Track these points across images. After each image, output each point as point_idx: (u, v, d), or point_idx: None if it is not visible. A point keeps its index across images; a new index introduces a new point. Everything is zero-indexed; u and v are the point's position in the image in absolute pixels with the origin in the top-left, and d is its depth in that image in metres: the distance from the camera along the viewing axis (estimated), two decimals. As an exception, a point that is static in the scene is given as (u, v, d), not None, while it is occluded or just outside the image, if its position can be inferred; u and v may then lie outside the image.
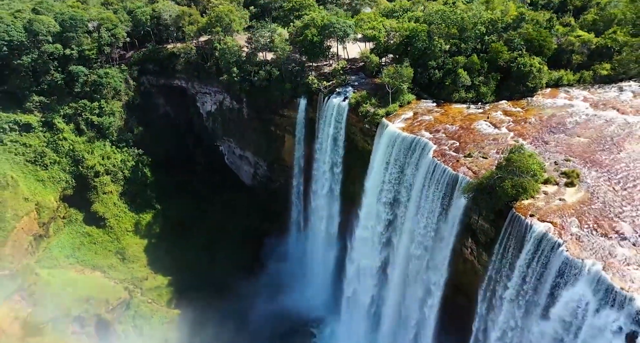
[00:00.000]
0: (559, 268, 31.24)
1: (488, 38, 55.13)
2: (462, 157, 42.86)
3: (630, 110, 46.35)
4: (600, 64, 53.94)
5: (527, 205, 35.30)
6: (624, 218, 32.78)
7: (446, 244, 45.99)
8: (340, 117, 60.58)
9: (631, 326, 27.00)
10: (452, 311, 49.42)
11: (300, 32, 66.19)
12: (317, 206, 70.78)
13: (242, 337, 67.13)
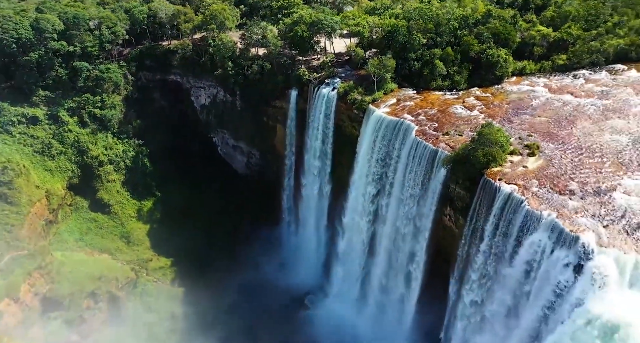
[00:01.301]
0: (522, 220, 37.47)
1: (460, 32, 61.22)
2: (440, 135, 48.94)
3: (582, 94, 53.14)
4: (557, 55, 60.80)
5: (496, 171, 41.53)
6: (574, 179, 39.23)
7: (428, 213, 51.96)
8: (330, 105, 65.93)
9: (577, 260, 33.25)
10: (433, 275, 55.44)
11: (290, 28, 71.34)
12: (309, 190, 75.93)
13: (242, 310, 71.90)
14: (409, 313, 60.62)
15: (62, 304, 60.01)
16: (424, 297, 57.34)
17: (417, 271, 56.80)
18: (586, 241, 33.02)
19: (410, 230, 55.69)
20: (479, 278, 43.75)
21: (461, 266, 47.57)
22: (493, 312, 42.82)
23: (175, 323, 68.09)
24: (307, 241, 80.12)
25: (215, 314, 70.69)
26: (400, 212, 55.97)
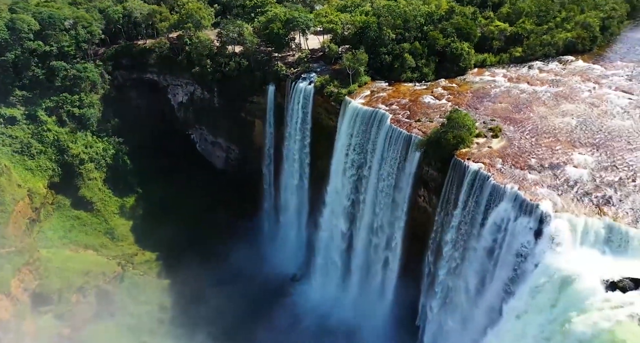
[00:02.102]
0: (489, 193, 41.78)
1: (426, 28, 65.45)
2: (413, 122, 52.98)
3: (537, 83, 58.41)
4: (514, 48, 66.07)
5: (465, 152, 45.80)
6: (532, 156, 43.92)
7: (404, 196, 55.92)
8: (307, 99, 69.06)
9: (537, 225, 37.73)
10: (410, 255, 59.39)
11: (265, 26, 74.03)
12: (289, 181, 78.78)
13: (228, 298, 73.94)
14: (388, 294, 64.33)
15: (52, 299, 60.90)
16: (403, 278, 61.20)
17: (395, 252, 60.57)
18: (544, 208, 37.51)
19: (388, 213, 59.52)
20: (452, 249, 47.91)
21: (436, 241, 51.70)
22: (466, 280, 47.01)
23: (164, 313, 69.77)
24: (288, 230, 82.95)
25: (202, 303, 72.67)
26: (378, 196, 59.67)
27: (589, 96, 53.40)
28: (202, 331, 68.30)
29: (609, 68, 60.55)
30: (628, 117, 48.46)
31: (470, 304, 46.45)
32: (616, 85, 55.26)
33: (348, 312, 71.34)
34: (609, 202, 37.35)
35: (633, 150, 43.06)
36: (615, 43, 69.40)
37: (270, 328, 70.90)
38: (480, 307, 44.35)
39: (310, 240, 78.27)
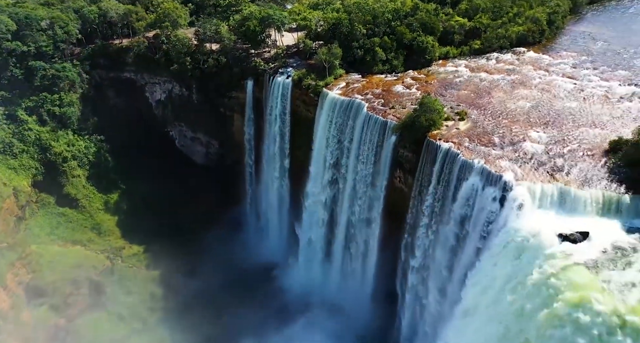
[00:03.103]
0: (459, 168, 46.86)
1: (394, 23, 70.09)
2: (387, 109, 57.60)
3: (495, 71, 64.13)
4: (473, 41, 71.56)
5: (436, 133, 50.73)
6: (495, 135, 49.36)
7: (382, 178, 60.27)
8: (286, 92, 72.55)
9: (501, 193, 43.01)
10: (389, 236, 63.43)
11: (241, 23, 77.04)
12: (270, 172, 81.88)
13: (215, 286, 76.70)
14: (369, 272, 68.31)
15: (46, 291, 62.24)
16: (382, 256, 65.11)
17: (374, 233, 64.64)
18: (507, 178, 42.81)
19: (367, 196, 63.84)
20: (428, 221, 52.87)
21: (413, 216, 56.50)
22: (441, 248, 52.07)
23: (154, 302, 71.94)
24: (270, 220, 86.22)
25: (190, 291, 75.36)
26: (358, 180, 63.95)
27: (540, 82, 59.56)
28: (192, 316, 70.93)
29: (556, 57, 67.17)
30: (573, 99, 54.80)
31: (445, 270, 51.49)
32: (562, 72, 61.78)
33: (332, 292, 75.46)
34: (560, 170, 43.09)
35: (578, 126, 49.21)
36: (560, 36, 76.35)
37: (257, 309, 74.07)
38: (455, 271, 49.44)
39: (293, 227, 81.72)
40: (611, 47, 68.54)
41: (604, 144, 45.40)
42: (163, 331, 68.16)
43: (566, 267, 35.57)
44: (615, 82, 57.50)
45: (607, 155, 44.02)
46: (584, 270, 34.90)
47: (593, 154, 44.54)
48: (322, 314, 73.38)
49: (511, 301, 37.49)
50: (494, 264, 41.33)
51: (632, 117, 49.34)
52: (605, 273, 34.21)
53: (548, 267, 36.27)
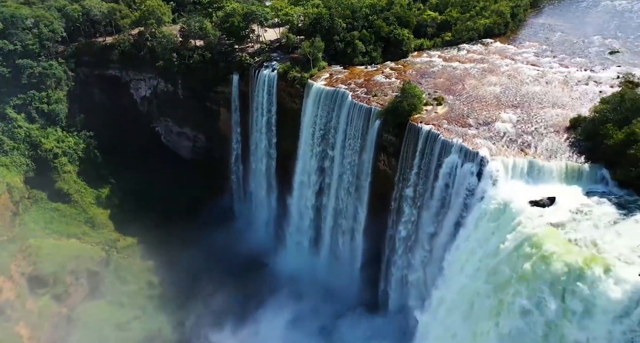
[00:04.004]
0: (439, 148, 51.17)
1: (371, 17, 73.51)
2: (371, 97, 61.36)
3: (466, 61, 68.87)
4: (444, 33, 75.88)
5: (417, 117, 54.85)
6: (470, 117, 53.89)
7: (367, 162, 63.73)
8: (271, 85, 75.37)
9: (478, 167, 47.49)
10: (375, 217, 67.00)
11: (225, 19, 79.36)
12: (257, 162, 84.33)
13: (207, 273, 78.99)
14: (357, 254, 71.44)
15: (48, 281, 63.56)
16: (369, 238, 68.23)
17: (361, 216, 67.88)
18: (483, 154, 47.19)
19: (354, 180, 67.27)
20: (412, 199, 57.11)
21: (397, 197, 60.56)
22: (425, 223, 56.37)
23: (152, 290, 73.94)
24: (259, 209, 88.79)
25: (185, 278, 77.55)
26: (344, 165, 67.30)
27: (507, 70, 64.58)
28: (189, 301, 73.37)
29: (520, 47, 72.55)
30: (537, 83, 59.99)
31: (431, 242, 55.81)
32: (527, 60, 67.07)
33: (322, 275, 78.62)
34: (529, 145, 47.91)
35: (543, 107, 54.31)
36: (523, 27, 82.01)
37: (250, 293, 77.00)
38: (439, 241, 53.81)
39: (282, 215, 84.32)
40: (568, 38, 74.54)
41: (565, 121, 50.51)
42: (162, 316, 70.26)
43: (537, 228, 40.20)
44: (573, 68, 63.13)
45: (568, 131, 49.15)
46: (552, 229, 39.58)
47: (556, 131, 49.60)
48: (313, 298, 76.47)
49: (490, 261, 42.00)
50: (475, 230, 45.81)
51: (588, 98, 54.76)
52: (570, 231, 38.98)
53: (521, 228, 40.89)
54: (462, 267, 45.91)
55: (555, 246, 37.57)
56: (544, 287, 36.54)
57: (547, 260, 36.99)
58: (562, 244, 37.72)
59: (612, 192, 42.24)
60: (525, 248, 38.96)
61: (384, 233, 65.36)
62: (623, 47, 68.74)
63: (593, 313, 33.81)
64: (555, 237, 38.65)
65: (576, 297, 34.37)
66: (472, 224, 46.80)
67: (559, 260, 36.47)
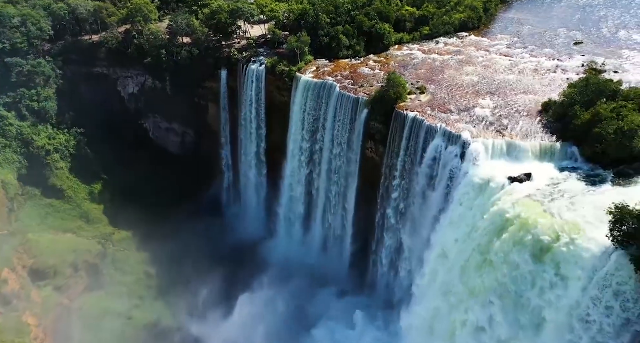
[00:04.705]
0: (425, 133, 54.74)
1: (354, 12, 76.30)
2: (357, 88, 64.47)
3: (444, 53, 72.66)
4: (422, 27, 79.38)
5: (403, 105, 58.29)
6: (451, 104, 57.66)
7: (356, 150, 66.77)
8: (260, 79, 77.60)
9: (461, 149, 51.17)
10: (364, 203, 69.85)
11: (211, 16, 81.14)
12: (247, 155, 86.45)
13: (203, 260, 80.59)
14: (347, 239, 74.70)
15: (48, 274, 64.64)
16: (358, 222, 71.56)
17: (350, 202, 70.83)
18: (465, 137, 50.87)
19: (343, 168, 70.16)
20: (400, 183, 60.60)
21: (386, 182, 63.79)
22: (412, 204, 59.93)
23: (150, 280, 75.47)
24: (249, 200, 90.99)
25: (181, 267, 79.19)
26: (333, 154, 70.05)
27: (482, 60, 68.70)
28: (184, 288, 75.23)
29: (493, 40, 76.89)
30: (511, 72, 64.27)
31: (418, 221, 59.43)
32: (500, 52, 71.37)
33: (312, 260, 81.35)
34: (506, 128, 51.91)
35: (517, 94, 58.54)
36: (494, 21, 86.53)
37: (244, 278, 79.13)
38: (427, 219, 57.45)
39: (272, 205, 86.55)
40: (536, 30, 79.38)
41: (537, 105, 54.80)
42: (161, 304, 71.98)
43: (516, 200, 44.08)
44: (542, 58, 67.73)
45: (540, 114, 53.45)
46: (529, 201, 43.45)
47: (530, 114, 53.84)
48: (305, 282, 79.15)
49: (475, 231, 45.81)
50: (459, 205, 49.57)
51: (557, 85, 59.24)
52: (545, 201, 42.92)
53: (502, 201, 44.77)
54: (451, 238, 49.58)
55: (532, 215, 41.46)
56: (525, 249, 40.42)
57: (525, 226, 40.90)
58: (539, 213, 41.55)
59: (580, 167, 46.43)
60: (507, 217, 42.78)
61: (373, 216, 68.53)
62: (586, 38, 73.90)
63: (568, 269, 37.81)
64: (532, 208, 42.45)
65: (552, 257, 38.30)
66: (457, 200, 50.50)
67: (537, 225, 40.38)
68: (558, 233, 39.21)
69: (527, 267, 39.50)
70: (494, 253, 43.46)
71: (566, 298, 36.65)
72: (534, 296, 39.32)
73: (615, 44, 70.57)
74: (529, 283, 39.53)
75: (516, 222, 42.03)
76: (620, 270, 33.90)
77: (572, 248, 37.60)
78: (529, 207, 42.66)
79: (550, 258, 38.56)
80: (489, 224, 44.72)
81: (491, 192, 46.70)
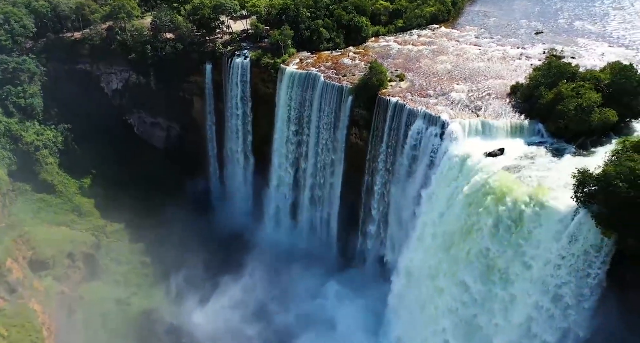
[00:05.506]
0: (406, 116, 58.76)
1: (332, 7, 79.67)
2: (341, 77, 67.85)
3: (419, 44, 76.88)
4: (397, 20, 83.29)
5: (385, 92, 62.05)
6: (429, 89, 61.86)
7: (341, 137, 69.95)
8: (245, 72, 79.76)
9: (440, 130, 55.42)
10: (349, 187, 73.41)
11: (194, 12, 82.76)
12: (233, 146, 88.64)
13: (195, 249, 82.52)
14: (333, 223, 77.94)
15: (47, 264, 65.42)
16: (345, 207, 74.69)
17: (336, 186, 74.27)
18: (444, 118, 55.07)
19: (329, 154, 73.26)
20: (384, 164, 64.48)
21: (371, 164, 67.56)
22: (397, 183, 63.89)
23: (146, 269, 76.94)
24: (237, 190, 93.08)
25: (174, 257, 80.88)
26: (319, 143, 73.24)
27: (454, 50, 73.34)
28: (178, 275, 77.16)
29: (462, 31, 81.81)
30: (481, 60, 69.09)
31: (402, 200, 63.49)
32: (469, 42, 76.26)
33: (302, 245, 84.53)
34: (480, 109, 56.40)
35: (487, 79, 63.28)
36: (462, 14, 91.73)
37: (236, 265, 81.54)
38: (409, 197, 61.61)
39: (260, 195, 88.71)
40: (501, 22, 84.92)
41: (507, 89, 59.59)
42: (158, 291, 73.73)
43: (492, 173, 48.57)
44: (508, 46, 72.97)
45: (509, 96, 58.28)
46: (504, 172, 47.99)
47: (500, 96, 58.61)
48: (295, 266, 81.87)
49: (458, 202, 50.14)
50: (441, 181, 53.84)
51: (522, 70, 64.25)
52: (518, 171, 47.60)
53: (480, 174, 49.19)
54: (435, 211, 53.82)
55: (508, 183, 46.04)
56: (503, 214, 44.94)
57: (503, 193, 45.43)
58: (513, 181, 46.19)
59: (547, 141, 51.22)
60: (485, 187, 47.24)
61: (359, 198, 72.21)
62: (545, 28, 79.83)
63: (540, 230, 42.52)
64: (507, 177, 46.98)
65: (528, 218, 42.93)
66: (439, 176, 54.74)
67: (512, 192, 44.96)
68: (531, 198, 43.85)
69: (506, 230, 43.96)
70: (476, 221, 47.84)
71: (542, 250, 41.35)
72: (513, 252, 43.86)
73: (572, 33, 76.74)
74: (507, 243, 44.04)
75: (494, 191, 46.47)
76: (584, 224, 38.68)
77: (543, 209, 42.28)
78: (504, 177, 47.17)
79: (526, 220, 43.13)
80: (469, 194, 49.06)
81: (470, 166, 51.01)
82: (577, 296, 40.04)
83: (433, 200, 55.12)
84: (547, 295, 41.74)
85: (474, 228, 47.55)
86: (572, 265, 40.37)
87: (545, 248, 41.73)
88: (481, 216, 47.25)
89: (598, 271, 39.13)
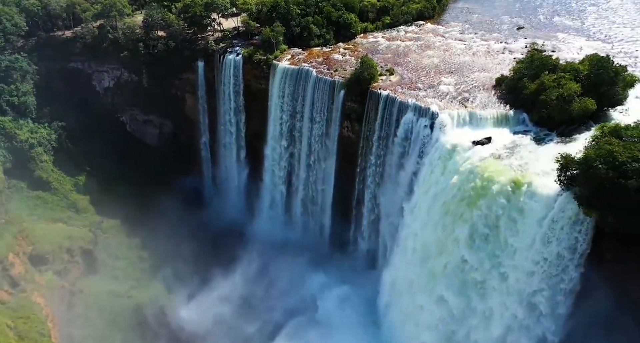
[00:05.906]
0: (397, 108, 60.80)
1: (321, 4, 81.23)
2: (332, 72, 69.61)
3: (406, 39, 78.89)
4: (384, 17, 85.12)
5: (376, 85, 63.92)
6: (418, 83, 64.01)
7: (334, 131, 71.46)
8: (237, 69, 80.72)
9: (430, 121, 57.59)
10: (342, 180, 75.06)
11: (186, 10, 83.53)
12: (227, 142, 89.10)
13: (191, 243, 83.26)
14: (327, 215, 79.42)
15: (47, 259, 65.72)
16: (338, 198, 76.32)
17: (329, 180, 75.96)
18: (433, 109, 57.20)
19: (322, 148, 74.67)
20: (376, 156, 66.45)
21: (364, 156, 69.35)
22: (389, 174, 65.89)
23: (143, 263, 77.64)
24: (231, 186, 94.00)
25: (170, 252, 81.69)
26: (312, 137, 74.84)
27: (440, 45, 75.62)
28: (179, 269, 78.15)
29: (448, 27, 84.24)
30: (466, 54, 71.50)
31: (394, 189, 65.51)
32: (455, 37, 78.69)
33: (295, 237, 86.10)
34: (467, 100, 58.77)
35: (473, 72, 65.69)
36: (447, 11, 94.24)
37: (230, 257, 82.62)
38: (402, 187, 63.68)
39: (253, 190, 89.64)
40: (484, 18, 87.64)
41: (492, 81, 62.03)
42: (156, 284, 74.64)
43: (480, 160, 51.00)
44: (492, 41, 75.57)
45: (495, 88, 60.74)
46: (492, 160, 50.52)
47: (486, 88, 61.05)
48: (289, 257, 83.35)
49: (448, 188, 52.41)
50: (432, 170, 56.05)
51: (506, 63, 66.76)
52: (504, 159, 50.06)
53: (469, 162, 51.55)
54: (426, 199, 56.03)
55: (495, 170, 48.48)
56: (490, 199, 47.33)
57: (490, 180, 47.82)
58: (500, 168, 48.68)
59: (531, 130, 53.76)
60: (473, 174, 49.59)
61: (352, 190, 73.97)
62: (527, 24, 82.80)
63: (525, 215, 44.99)
64: (494, 164, 49.50)
65: (513, 203, 45.37)
66: (430, 164, 56.96)
67: (499, 179, 47.38)
68: (517, 183, 46.34)
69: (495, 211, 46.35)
70: (466, 205, 50.15)
71: (529, 227, 43.86)
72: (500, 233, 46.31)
73: (551, 28, 79.85)
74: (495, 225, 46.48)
75: (482, 177, 48.84)
76: (568, 204, 41.20)
77: (529, 192, 44.75)
78: (492, 164, 49.70)
79: (511, 204, 45.55)
80: (459, 181, 51.34)
81: (459, 155, 53.32)
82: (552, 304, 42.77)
83: (424, 190, 57.23)
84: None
85: (462, 214, 49.79)
86: (545, 271, 43.04)
87: (532, 225, 44.12)
88: (469, 199, 49.63)
89: (581, 250, 41.72)
